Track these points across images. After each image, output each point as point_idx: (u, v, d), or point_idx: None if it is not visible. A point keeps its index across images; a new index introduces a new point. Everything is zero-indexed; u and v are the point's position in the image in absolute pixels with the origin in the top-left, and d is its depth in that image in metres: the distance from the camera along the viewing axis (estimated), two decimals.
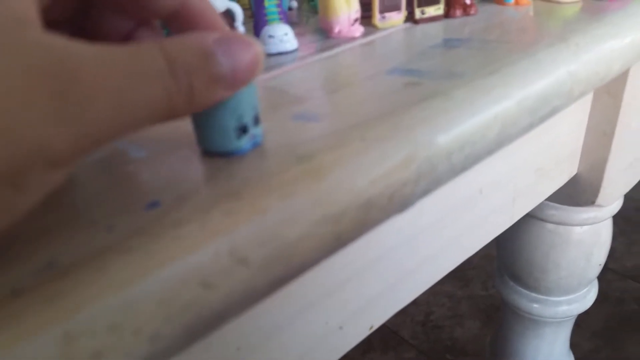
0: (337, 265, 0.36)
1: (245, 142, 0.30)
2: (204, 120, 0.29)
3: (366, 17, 0.48)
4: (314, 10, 0.54)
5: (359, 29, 0.46)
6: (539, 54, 0.37)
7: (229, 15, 0.45)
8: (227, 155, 0.30)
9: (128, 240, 0.21)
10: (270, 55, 0.43)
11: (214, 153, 0.30)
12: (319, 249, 0.26)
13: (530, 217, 0.67)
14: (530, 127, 0.35)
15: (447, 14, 0.48)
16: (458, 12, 0.48)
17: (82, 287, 0.19)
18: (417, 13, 0.48)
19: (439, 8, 0.48)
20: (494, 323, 1.33)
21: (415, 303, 1.34)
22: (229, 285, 0.23)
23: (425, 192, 0.30)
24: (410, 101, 0.31)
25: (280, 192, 0.24)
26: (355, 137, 0.29)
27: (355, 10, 0.46)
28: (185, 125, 0.29)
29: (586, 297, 0.75)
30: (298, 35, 0.47)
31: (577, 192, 0.62)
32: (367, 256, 0.38)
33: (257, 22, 0.46)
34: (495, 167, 0.47)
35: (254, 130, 0.30)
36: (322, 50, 0.44)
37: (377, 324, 0.41)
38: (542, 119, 0.36)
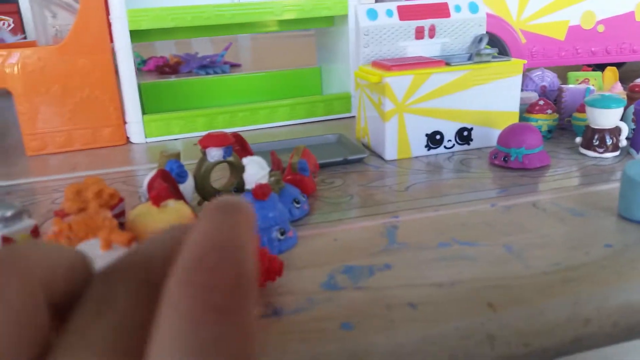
0: None
1: None
2: (626, 195, 0.44)
3: None
4: None
5: None
6: None
7: (617, 130, 0.59)
8: (638, 223, 0.44)
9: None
10: None
11: (629, 219, 0.44)
12: None
13: None
14: None
15: None
16: None
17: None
18: None
19: None
20: None
21: None
22: None
23: None
24: None
25: None
26: None
27: None
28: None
29: None
30: None
31: None
32: None
33: (638, 138, 0.59)
34: None
35: None
36: None
37: None
38: None
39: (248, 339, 0.14)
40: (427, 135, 0.63)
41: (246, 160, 0.40)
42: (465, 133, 0.64)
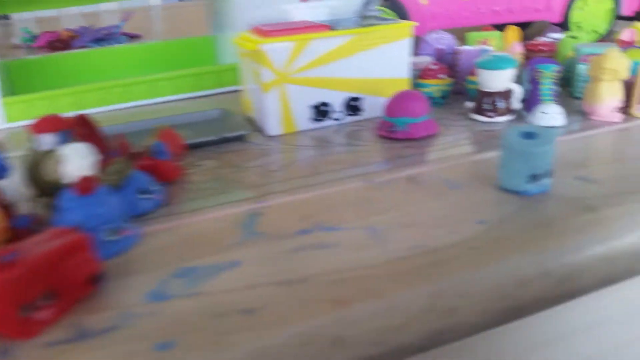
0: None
1: (533, 187, 0.40)
2: (504, 164, 0.41)
3: (624, 106, 0.56)
4: (570, 94, 0.64)
5: (618, 116, 0.55)
6: None
7: (509, 93, 0.56)
8: (518, 194, 0.41)
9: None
10: None
11: (508, 190, 0.41)
12: (596, 278, 0.35)
13: None
14: None
15: None
16: None
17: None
18: None
19: None
20: None
21: None
22: (536, 289, 0.33)
23: None
24: None
25: (574, 230, 0.36)
26: (633, 200, 0.38)
27: (618, 99, 0.54)
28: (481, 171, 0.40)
29: None
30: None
31: None
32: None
33: (531, 100, 0.57)
34: None
35: (543, 180, 0.40)
36: (586, 129, 0.53)
37: None
38: None
39: None
40: (312, 107, 0.58)
41: (63, 150, 0.34)
42: (354, 103, 0.60)
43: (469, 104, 0.59)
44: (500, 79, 0.56)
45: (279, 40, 0.55)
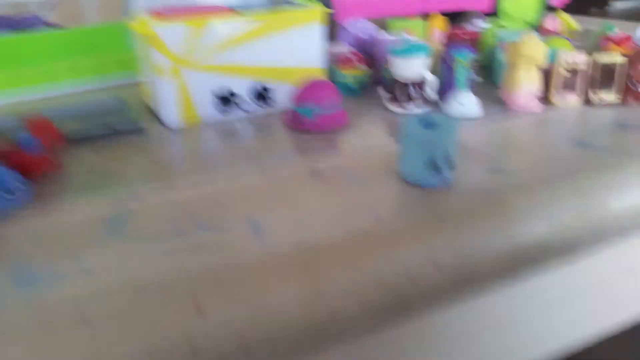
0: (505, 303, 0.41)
1: (434, 179, 0.38)
2: (404, 156, 0.38)
3: (543, 95, 0.55)
4: (493, 84, 0.62)
5: (536, 104, 0.53)
6: None
7: (423, 82, 0.54)
8: (418, 186, 0.38)
9: None
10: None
11: (409, 182, 0.39)
12: (498, 268, 0.33)
13: None
14: None
15: (622, 101, 0.54)
16: (631, 100, 0.54)
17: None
18: (592, 97, 0.54)
19: (614, 95, 0.54)
20: None
21: None
22: (428, 284, 0.31)
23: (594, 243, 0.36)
24: (590, 168, 0.38)
25: (473, 222, 0.34)
26: (543, 192, 0.36)
27: (536, 87, 0.53)
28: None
29: None
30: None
31: None
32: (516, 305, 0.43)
33: (447, 89, 0.55)
34: None
35: (444, 172, 0.38)
36: (504, 117, 0.52)
37: None
38: None
39: None
40: (217, 96, 0.54)
41: None
42: (265, 93, 0.56)
43: (384, 94, 0.56)
44: (412, 67, 0.54)
45: (174, 22, 0.51)
